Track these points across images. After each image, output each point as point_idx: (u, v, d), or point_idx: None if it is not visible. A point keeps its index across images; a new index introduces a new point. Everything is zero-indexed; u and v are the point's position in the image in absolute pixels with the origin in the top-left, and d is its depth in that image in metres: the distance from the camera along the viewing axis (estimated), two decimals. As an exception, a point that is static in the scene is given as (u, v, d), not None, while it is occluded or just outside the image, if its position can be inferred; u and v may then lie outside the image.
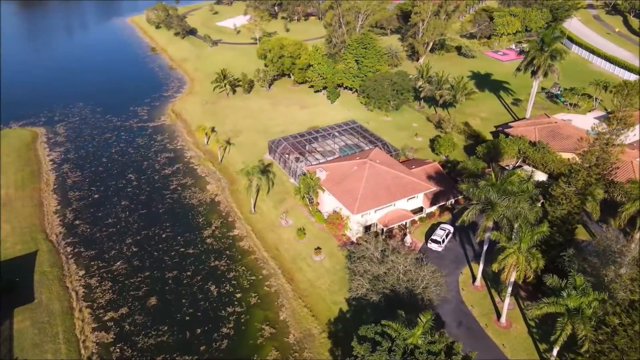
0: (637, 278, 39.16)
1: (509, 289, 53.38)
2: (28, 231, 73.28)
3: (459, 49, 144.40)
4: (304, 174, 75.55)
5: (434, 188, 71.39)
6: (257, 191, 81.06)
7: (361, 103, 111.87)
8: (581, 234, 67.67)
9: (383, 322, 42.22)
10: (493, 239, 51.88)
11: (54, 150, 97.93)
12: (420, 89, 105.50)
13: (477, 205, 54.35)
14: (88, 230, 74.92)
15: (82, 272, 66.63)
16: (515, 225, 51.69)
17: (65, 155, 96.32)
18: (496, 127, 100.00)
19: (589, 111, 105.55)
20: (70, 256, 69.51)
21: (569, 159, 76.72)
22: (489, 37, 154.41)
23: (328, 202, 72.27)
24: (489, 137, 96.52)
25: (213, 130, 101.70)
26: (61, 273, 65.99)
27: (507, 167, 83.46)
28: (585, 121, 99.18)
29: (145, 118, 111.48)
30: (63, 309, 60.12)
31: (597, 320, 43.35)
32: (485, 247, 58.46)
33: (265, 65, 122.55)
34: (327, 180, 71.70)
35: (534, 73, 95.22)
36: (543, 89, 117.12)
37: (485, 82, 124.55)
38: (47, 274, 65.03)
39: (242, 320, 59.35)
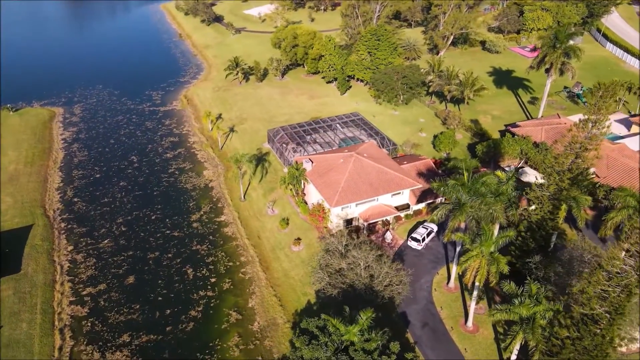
0: (586, 291, 37.02)
1: (474, 293, 51.71)
2: (28, 205, 76.93)
3: (483, 43, 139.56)
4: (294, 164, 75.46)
5: (419, 185, 69.76)
6: (250, 179, 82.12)
7: (371, 96, 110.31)
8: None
9: (323, 316, 41.91)
10: (456, 240, 50.32)
11: (68, 130, 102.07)
12: (429, 84, 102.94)
13: (448, 205, 52.76)
14: (84, 208, 77.89)
15: (70, 248, 69.47)
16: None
17: (77, 135, 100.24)
18: (506, 125, 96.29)
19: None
20: (62, 232, 72.57)
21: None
22: (518, 32, 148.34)
23: (314, 194, 71.96)
24: (497, 135, 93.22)
25: (220, 117, 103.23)
26: (51, 247, 69.03)
27: (507, 168, 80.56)
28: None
29: (158, 102, 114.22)
30: (46, 281, 62.98)
31: (550, 331, 41.46)
32: (458, 248, 56.75)
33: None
34: (312, 172, 71.40)
35: (547, 71, 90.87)
36: (565, 87, 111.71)
37: (505, 78, 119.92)
38: (37, 247, 68.17)
39: (212, 305, 60.36)
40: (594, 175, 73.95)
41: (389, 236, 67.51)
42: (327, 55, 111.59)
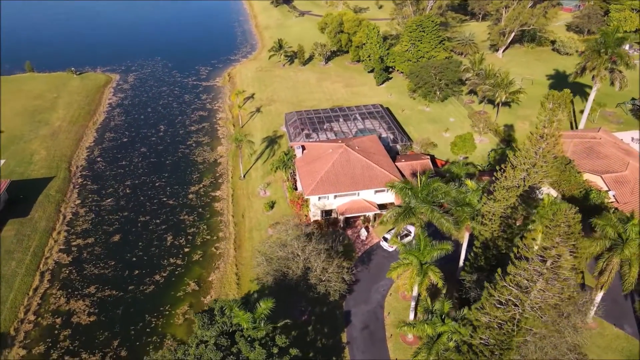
0: (470, 318, 33.39)
1: (413, 303, 49.09)
2: (57, 160, 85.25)
3: (555, 43, 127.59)
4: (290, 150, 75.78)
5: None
6: (256, 159, 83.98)
7: (408, 89, 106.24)
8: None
9: (222, 299, 42.41)
10: (391, 245, 47.88)
11: (116, 95, 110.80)
12: (466, 81, 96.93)
13: (398, 208, 50.29)
14: (102, 167, 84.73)
15: (78, 202, 76.23)
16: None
17: (122, 100, 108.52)
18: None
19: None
20: (77, 186, 79.73)
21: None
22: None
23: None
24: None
25: (252, 96, 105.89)
26: (62, 199, 76.24)
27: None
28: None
29: (203, 77, 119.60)
30: (47, 228, 69.88)
31: (454, 355, 38.40)
32: (414, 255, 53.81)
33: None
34: (301, 159, 71.26)
35: (594, 78, 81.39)
36: (633, 99, 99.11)
37: (565, 83, 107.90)
38: (50, 197, 75.64)
39: (177, 273, 63.24)
40: (613, 200, 66.00)
41: (363, 233, 65.75)
42: (368, 43, 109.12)
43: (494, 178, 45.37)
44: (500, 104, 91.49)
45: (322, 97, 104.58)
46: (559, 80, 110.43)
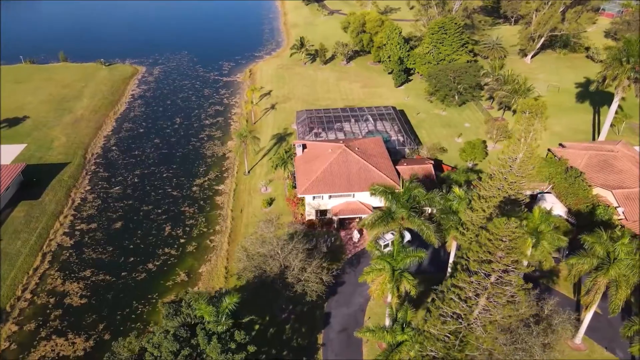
0: (428, 330, 32.29)
1: (387, 310, 48.15)
2: (75, 146, 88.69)
3: (589, 50, 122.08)
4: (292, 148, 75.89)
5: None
6: (263, 155, 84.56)
7: (427, 92, 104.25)
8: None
9: (192, 291, 42.96)
10: (367, 249, 47.19)
11: (139, 87, 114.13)
12: (485, 86, 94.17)
13: (378, 212, 49.55)
14: (116, 156, 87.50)
15: (88, 188, 79.04)
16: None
17: (144, 92, 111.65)
18: (560, 144, 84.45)
19: None
20: (89, 173, 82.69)
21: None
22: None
23: (301, 179, 71.84)
24: (544, 153, 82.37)
25: (269, 93, 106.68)
26: (73, 184, 79.23)
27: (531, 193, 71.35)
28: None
29: (225, 72, 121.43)
30: (55, 211, 72.85)
31: (413, 365, 37.51)
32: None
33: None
34: (300, 157, 71.23)
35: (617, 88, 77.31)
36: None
37: (594, 92, 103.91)
38: (62, 182, 78.76)
39: (169, 263, 64.55)
40: (622, 217, 62.69)
41: (356, 235, 65.15)
42: (388, 44, 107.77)
43: (472, 187, 43.96)
44: (512, 110, 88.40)
45: (337, 97, 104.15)
46: (587, 89, 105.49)
